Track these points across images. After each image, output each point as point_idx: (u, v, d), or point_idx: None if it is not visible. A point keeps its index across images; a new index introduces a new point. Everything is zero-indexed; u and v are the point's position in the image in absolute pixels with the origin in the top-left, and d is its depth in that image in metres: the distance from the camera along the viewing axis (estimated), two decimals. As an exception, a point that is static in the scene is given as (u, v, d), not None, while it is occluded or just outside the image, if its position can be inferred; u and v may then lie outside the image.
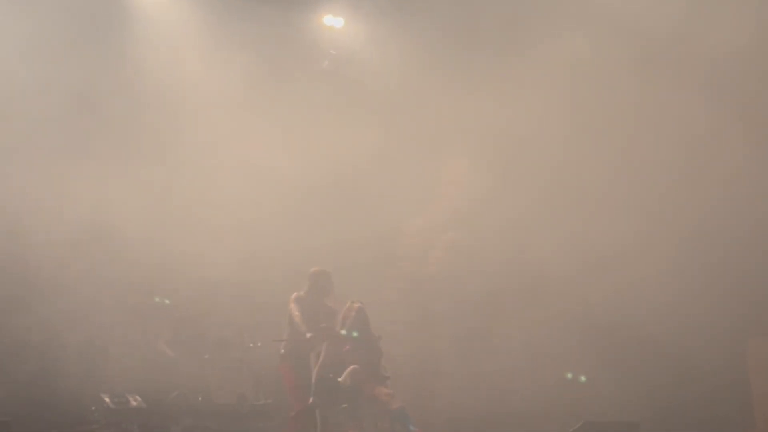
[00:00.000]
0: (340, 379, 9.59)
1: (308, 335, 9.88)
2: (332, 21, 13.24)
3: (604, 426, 9.31)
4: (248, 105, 12.51)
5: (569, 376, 11.84)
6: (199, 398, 11.09)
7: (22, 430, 9.51)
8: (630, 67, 11.48)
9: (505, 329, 12.20)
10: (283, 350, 10.37)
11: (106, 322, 11.60)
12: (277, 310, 11.12)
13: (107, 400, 10.21)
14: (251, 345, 11.90)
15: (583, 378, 11.70)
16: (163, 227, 12.06)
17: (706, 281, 10.76)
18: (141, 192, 11.89)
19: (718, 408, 10.64)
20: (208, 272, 11.96)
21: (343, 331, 9.84)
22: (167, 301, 12.27)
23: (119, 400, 10.22)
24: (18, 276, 11.15)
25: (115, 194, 11.79)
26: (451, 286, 12.30)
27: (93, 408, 10.43)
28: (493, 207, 12.08)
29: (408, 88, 12.68)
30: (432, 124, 12.68)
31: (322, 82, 13.14)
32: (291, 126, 12.61)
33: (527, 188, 11.94)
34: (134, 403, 10.29)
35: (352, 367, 9.61)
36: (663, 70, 11.40)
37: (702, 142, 11.01)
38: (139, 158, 12.05)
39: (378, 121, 12.66)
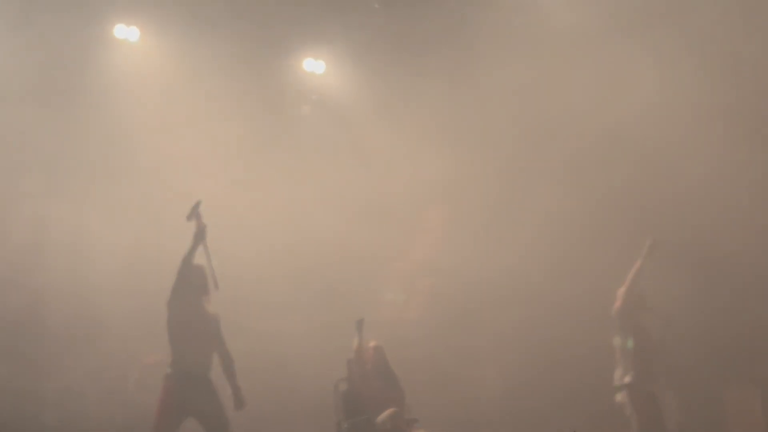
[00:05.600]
0: (378, 420, 9.06)
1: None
2: (313, 65, 13.24)
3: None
4: (225, 152, 12.46)
5: None
6: (180, 445, 10.94)
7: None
8: (597, 91, 11.53)
9: (483, 374, 12.27)
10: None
11: (83, 368, 11.45)
12: (262, 358, 11.10)
13: (87, 448, 10.10)
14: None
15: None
16: (139, 277, 11.97)
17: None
18: (120, 243, 11.79)
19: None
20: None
21: None
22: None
23: (99, 449, 10.12)
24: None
25: (96, 243, 11.70)
26: (431, 331, 12.30)
27: (72, 457, 10.30)
28: (474, 253, 12.16)
29: (388, 132, 12.74)
30: (412, 169, 12.74)
31: (302, 127, 13.14)
32: (271, 172, 12.54)
33: (509, 230, 11.99)
34: (114, 451, 10.18)
35: (392, 409, 9.16)
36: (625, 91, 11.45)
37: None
38: (117, 205, 11.95)
39: (359, 166, 12.71)
